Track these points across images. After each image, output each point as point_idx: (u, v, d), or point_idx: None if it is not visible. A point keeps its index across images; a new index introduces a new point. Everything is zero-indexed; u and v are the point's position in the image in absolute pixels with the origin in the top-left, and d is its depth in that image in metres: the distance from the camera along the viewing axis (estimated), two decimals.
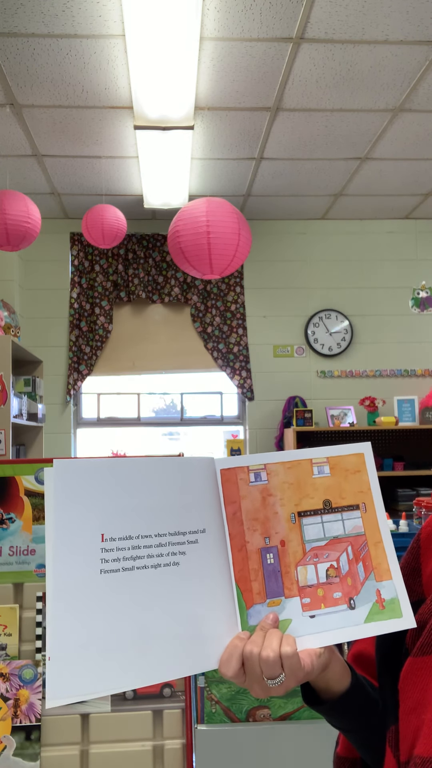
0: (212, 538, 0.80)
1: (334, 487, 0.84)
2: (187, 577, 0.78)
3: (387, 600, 0.81)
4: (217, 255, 3.42)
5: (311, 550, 0.82)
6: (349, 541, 0.83)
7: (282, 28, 2.92)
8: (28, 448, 4.75)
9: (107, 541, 0.76)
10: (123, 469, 0.79)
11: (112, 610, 0.74)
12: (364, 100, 3.54)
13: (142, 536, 0.77)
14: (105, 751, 1.55)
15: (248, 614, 0.80)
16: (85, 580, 0.74)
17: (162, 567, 0.78)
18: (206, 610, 0.79)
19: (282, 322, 5.49)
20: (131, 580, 0.76)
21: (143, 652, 0.75)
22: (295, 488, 0.83)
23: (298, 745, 1.64)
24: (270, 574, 0.81)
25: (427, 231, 5.57)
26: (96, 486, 0.77)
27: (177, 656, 0.76)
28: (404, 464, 5.01)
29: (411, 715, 0.77)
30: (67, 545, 0.74)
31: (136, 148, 4.03)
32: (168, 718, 1.57)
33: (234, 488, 0.82)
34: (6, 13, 2.77)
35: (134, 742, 1.55)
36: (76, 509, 0.75)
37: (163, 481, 0.80)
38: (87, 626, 0.73)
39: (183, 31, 2.72)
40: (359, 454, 0.86)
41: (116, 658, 0.74)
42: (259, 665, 0.75)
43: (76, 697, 0.72)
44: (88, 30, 2.90)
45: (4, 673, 1.52)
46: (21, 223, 3.57)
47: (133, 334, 5.43)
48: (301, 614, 0.80)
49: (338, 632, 0.80)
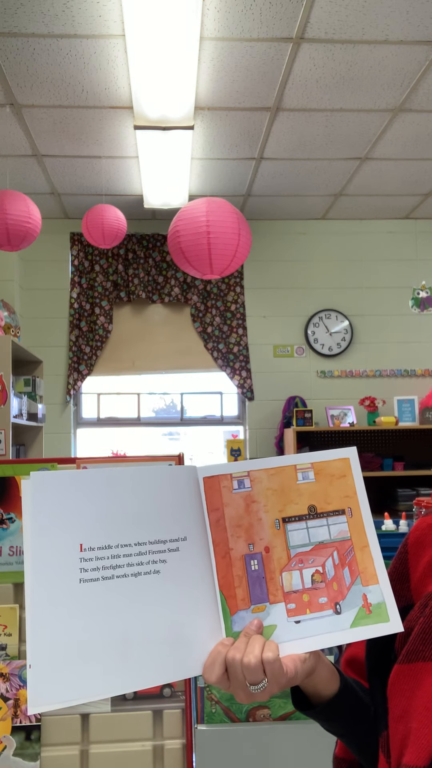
0: (194, 545, 0.81)
1: (319, 492, 0.84)
2: (169, 584, 0.79)
3: (374, 604, 0.81)
4: (217, 255, 3.42)
5: (296, 555, 0.82)
6: (334, 546, 0.83)
7: (282, 28, 2.92)
8: (28, 448, 4.75)
9: (86, 551, 0.77)
10: (101, 480, 0.79)
11: (93, 618, 0.75)
12: (364, 100, 3.54)
13: (121, 545, 0.78)
14: (105, 751, 1.55)
15: (232, 620, 0.80)
16: (64, 590, 0.75)
17: (142, 575, 0.78)
18: (189, 617, 0.79)
19: (282, 322, 5.48)
20: (111, 588, 0.77)
21: (125, 659, 0.76)
22: (279, 494, 0.83)
23: (298, 745, 1.64)
24: (254, 580, 0.81)
25: (427, 231, 5.57)
26: (74, 497, 0.78)
27: (160, 663, 0.77)
28: (404, 464, 5.01)
29: (398, 723, 0.77)
30: (44, 556, 0.75)
31: (136, 148, 4.03)
32: (168, 718, 1.58)
33: (217, 496, 0.82)
34: (6, 13, 2.77)
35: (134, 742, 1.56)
36: (53, 520, 0.76)
37: (142, 491, 0.81)
38: (67, 634, 0.74)
39: (183, 31, 2.71)
40: (344, 459, 0.86)
41: (98, 665, 0.75)
42: (242, 671, 0.76)
43: (57, 704, 0.73)
44: (88, 30, 2.90)
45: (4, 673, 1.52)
46: (22, 224, 3.57)
47: (133, 334, 5.43)
48: (286, 620, 0.80)
49: (324, 637, 0.80)
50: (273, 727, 1.66)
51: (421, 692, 0.75)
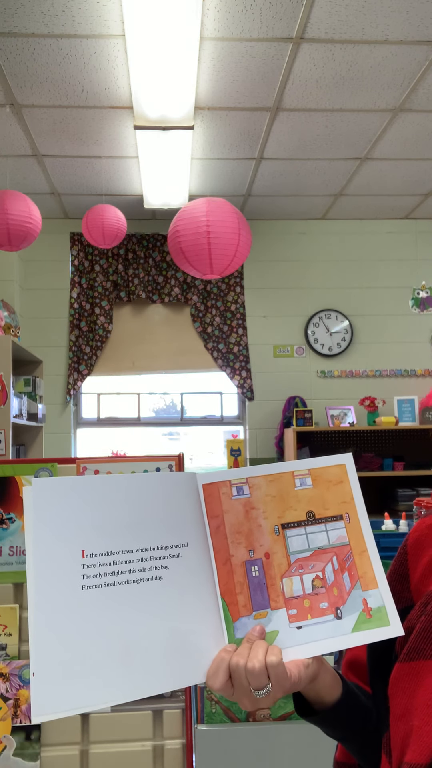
0: (195, 551, 0.81)
1: (317, 498, 0.85)
2: (171, 590, 0.79)
3: (374, 609, 0.81)
4: (217, 255, 3.42)
5: (296, 561, 0.82)
6: (333, 552, 0.83)
7: (282, 28, 2.92)
8: (28, 448, 4.75)
9: (88, 557, 0.77)
10: (102, 487, 0.79)
11: (96, 625, 0.75)
12: (364, 100, 3.54)
13: (123, 551, 0.78)
14: (105, 751, 1.55)
15: (235, 627, 0.80)
16: (67, 597, 0.75)
17: (144, 581, 0.78)
18: (192, 624, 0.79)
19: (282, 322, 5.48)
20: (114, 595, 0.76)
21: (128, 666, 0.75)
22: (278, 501, 0.84)
23: (298, 745, 1.64)
24: (255, 586, 0.81)
25: (427, 231, 5.57)
26: (75, 504, 0.78)
27: (163, 670, 0.77)
28: (404, 464, 5.01)
29: (400, 721, 0.77)
30: (47, 562, 0.75)
31: (136, 148, 4.03)
32: (168, 718, 1.58)
33: (216, 502, 0.83)
34: (6, 13, 2.77)
35: (134, 742, 1.56)
36: (55, 527, 0.76)
37: (143, 498, 0.81)
38: (70, 642, 0.74)
39: (183, 31, 2.71)
40: (341, 465, 0.87)
41: (101, 673, 0.74)
42: (246, 676, 0.76)
43: (62, 713, 0.72)
44: (88, 30, 2.90)
45: (4, 673, 1.52)
46: (23, 224, 3.57)
47: (133, 334, 5.43)
48: (287, 625, 0.80)
49: (326, 642, 0.80)
50: (273, 727, 1.66)
51: (423, 690, 0.75)
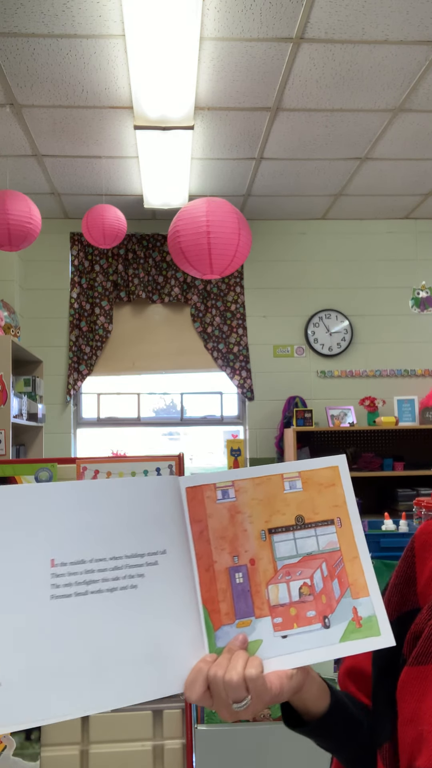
0: (174, 558, 0.78)
1: (307, 502, 0.81)
2: (147, 599, 0.77)
3: (364, 618, 0.78)
4: (217, 255, 3.42)
5: (283, 567, 0.79)
6: (323, 558, 0.80)
7: (282, 28, 2.92)
8: (28, 448, 4.75)
9: (58, 566, 0.74)
10: (73, 494, 0.77)
11: (65, 635, 0.73)
12: (364, 100, 3.54)
13: (95, 560, 0.76)
14: (105, 751, 1.55)
15: (216, 636, 0.77)
16: (34, 606, 0.73)
17: (118, 590, 0.76)
18: (169, 633, 0.76)
19: (282, 322, 5.48)
20: (85, 604, 0.74)
21: (99, 677, 0.73)
22: (265, 504, 0.80)
23: (298, 745, 1.63)
24: (239, 594, 0.78)
25: (427, 231, 5.57)
26: (44, 511, 0.76)
27: (137, 680, 0.75)
28: (404, 464, 5.01)
29: (408, 725, 0.76)
30: (11, 572, 0.73)
31: (136, 148, 4.03)
32: (168, 718, 1.58)
33: (200, 506, 0.80)
34: (6, 13, 2.77)
35: (134, 742, 1.56)
36: (21, 535, 0.74)
37: (117, 504, 0.78)
38: (38, 652, 0.72)
39: (183, 31, 2.71)
40: (333, 467, 0.83)
41: (70, 684, 0.72)
42: (224, 688, 0.73)
43: (27, 724, 0.71)
44: (88, 30, 2.90)
45: None
46: (23, 224, 3.57)
47: (133, 334, 5.43)
48: (272, 634, 0.77)
49: (312, 652, 0.77)
50: (273, 727, 1.66)
51: None
